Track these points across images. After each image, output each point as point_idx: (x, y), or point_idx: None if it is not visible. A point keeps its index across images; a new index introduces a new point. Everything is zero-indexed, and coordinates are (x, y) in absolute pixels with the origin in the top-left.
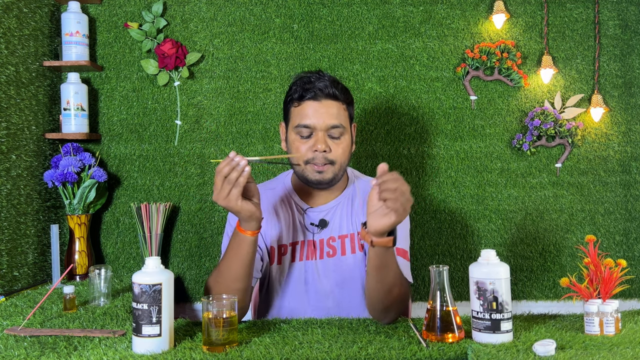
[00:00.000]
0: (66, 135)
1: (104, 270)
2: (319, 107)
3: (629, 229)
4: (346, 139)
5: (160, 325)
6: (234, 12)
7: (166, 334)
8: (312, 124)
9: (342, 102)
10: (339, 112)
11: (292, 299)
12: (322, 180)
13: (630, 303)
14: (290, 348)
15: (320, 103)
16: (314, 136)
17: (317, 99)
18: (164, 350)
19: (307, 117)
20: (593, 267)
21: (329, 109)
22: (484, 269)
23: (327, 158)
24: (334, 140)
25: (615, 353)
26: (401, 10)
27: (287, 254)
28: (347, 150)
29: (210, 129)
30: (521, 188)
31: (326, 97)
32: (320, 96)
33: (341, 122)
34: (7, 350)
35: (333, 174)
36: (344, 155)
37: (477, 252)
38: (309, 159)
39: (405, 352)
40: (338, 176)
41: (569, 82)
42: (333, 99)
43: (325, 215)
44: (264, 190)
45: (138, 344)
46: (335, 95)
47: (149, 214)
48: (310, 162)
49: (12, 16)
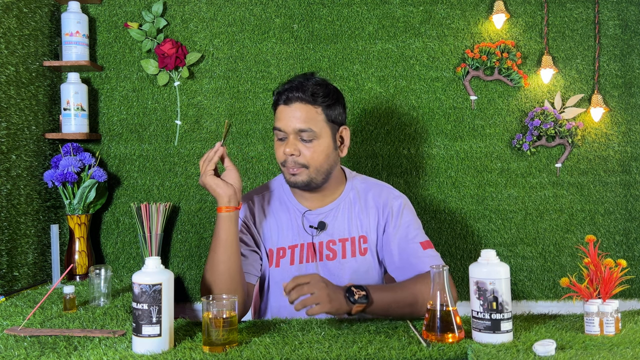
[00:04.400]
0: (66, 135)
1: (104, 270)
2: (289, 111)
3: (629, 229)
4: (320, 142)
5: (160, 325)
6: (234, 12)
7: (166, 334)
8: (282, 127)
9: (316, 105)
10: (309, 116)
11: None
12: (296, 182)
13: (630, 303)
14: (290, 348)
15: (290, 107)
16: (287, 140)
17: (287, 103)
18: (164, 350)
19: (278, 120)
20: (593, 267)
21: (296, 113)
22: (484, 269)
23: (297, 162)
24: (305, 144)
25: (615, 353)
26: (401, 10)
27: (286, 257)
28: (322, 154)
29: (210, 129)
30: (521, 188)
31: (296, 100)
32: (290, 100)
33: (310, 126)
34: (7, 350)
35: (308, 177)
36: (316, 159)
37: (477, 252)
38: (282, 162)
39: (405, 352)
40: (317, 179)
41: (569, 82)
42: (303, 102)
43: (324, 218)
44: (263, 194)
45: (138, 344)
46: (304, 99)
47: (149, 214)
48: (283, 164)
49: (12, 16)
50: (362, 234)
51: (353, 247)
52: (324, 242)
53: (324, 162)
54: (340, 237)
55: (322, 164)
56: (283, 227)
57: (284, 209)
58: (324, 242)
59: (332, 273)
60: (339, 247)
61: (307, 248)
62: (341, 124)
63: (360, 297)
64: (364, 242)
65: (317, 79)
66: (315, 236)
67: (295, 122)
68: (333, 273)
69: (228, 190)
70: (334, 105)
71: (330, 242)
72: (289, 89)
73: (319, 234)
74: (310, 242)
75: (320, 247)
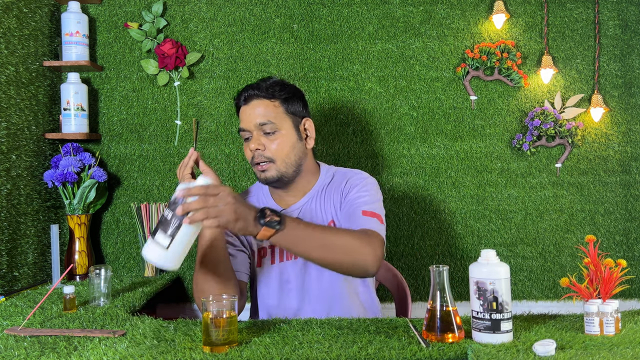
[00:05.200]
0: (66, 135)
1: (104, 270)
2: (247, 109)
3: (629, 229)
4: (283, 134)
5: (172, 240)
6: (234, 12)
7: (174, 252)
8: (245, 126)
9: (273, 99)
10: (267, 110)
11: (278, 298)
12: (266, 178)
13: (630, 303)
14: (290, 348)
15: (249, 105)
16: (251, 137)
17: (246, 102)
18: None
19: (241, 121)
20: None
21: (255, 109)
22: (484, 269)
23: (264, 155)
24: (268, 137)
25: (615, 353)
26: (401, 10)
27: (267, 256)
28: (287, 146)
29: (210, 129)
30: (521, 188)
31: (254, 98)
32: (248, 99)
33: (270, 119)
34: (7, 350)
35: (277, 171)
36: (281, 151)
37: (477, 252)
38: (250, 161)
39: (405, 352)
40: (287, 173)
41: (569, 82)
42: (259, 98)
43: (299, 214)
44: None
45: (147, 247)
46: (261, 95)
47: (149, 214)
48: (253, 163)
49: (12, 16)
50: (331, 219)
51: None
52: None
53: (289, 153)
54: None
55: (288, 155)
56: None
57: None
58: None
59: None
60: None
61: None
62: (303, 117)
63: (272, 222)
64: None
65: (274, 79)
66: None
67: (255, 118)
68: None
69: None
70: (292, 98)
71: None
72: (245, 89)
73: None
74: None
75: None
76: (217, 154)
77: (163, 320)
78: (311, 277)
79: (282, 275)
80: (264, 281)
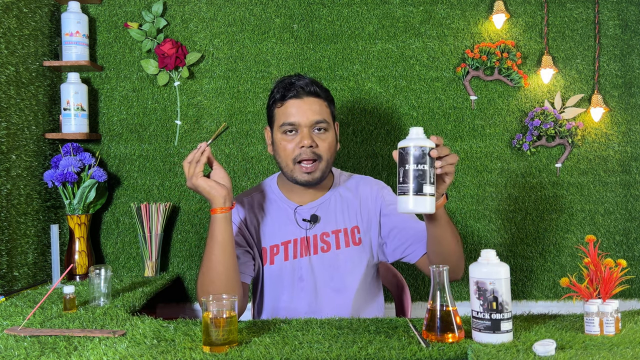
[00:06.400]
0: (66, 135)
1: (104, 270)
2: (302, 104)
3: (629, 229)
4: (331, 135)
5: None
6: (234, 12)
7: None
8: (297, 121)
9: (324, 100)
10: (322, 109)
11: (289, 297)
12: (310, 180)
13: (630, 303)
14: (290, 348)
15: (303, 100)
16: (300, 133)
17: (299, 96)
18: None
19: (291, 115)
20: (593, 267)
21: (311, 106)
22: (484, 269)
23: (315, 153)
24: (320, 136)
25: (615, 353)
26: (401, 10)
27: (279, 254)
28: (333, 147)
29: (210, 129)
30: (521, 188)
31: (308, 94)
32: (302, 94)
33: (324, 118)
34: (7, 350)
35: (321, 172)
36: (329, 150)
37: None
38: (296, 156)
39: (405, 352)
40: (325, 173)
41: (569, 82)
42: (315, 96)
43: (316, 212)
44: (252, 195)
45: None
46: (316, 93)
47: (149, 214)
48: (297, 159)
49: (12, 16)
50: (355, 225)
51: (347, 237)
52: (318, 235)
53: (333, 154)
54: (333, 229)
55: (331, 157)
56: (275, 225)
57: (274, 207)
58: (318, 234)
59: (328, 264)
60: (333, 238)
61: (300, 242)
62: (335, 119)
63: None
64: (357, 232)
65: (309, 78)
66: (309, 230)
67: (311, 115)
68: (329, 264)
69: (222, 191)
70: (333, 102)
71: (323, 234)
72: (296, 85)
73: (312, 227)
74: (304, 237)
75: (315, 240)
76: (217, 154)
77: (163, 320)
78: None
79: (300, 270)
80: (274, 279)
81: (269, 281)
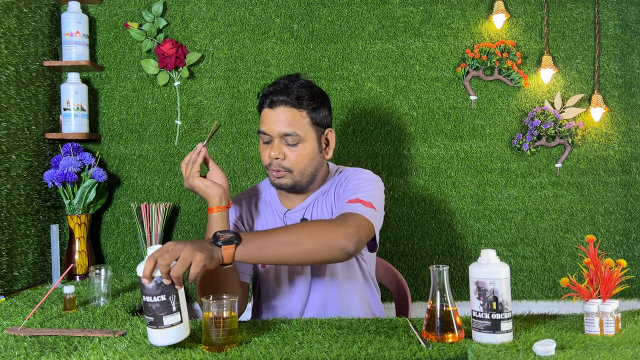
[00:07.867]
0: (66, 135)
1: (104, 270)
2: (273, 114)
3: (629, 229)
4: (305, 146)
5: (180, 311)
6: (234, 12)
7: (185, 318)
8: (267, 131)
9: (301, 109)
10: (294, 120)
11: (283, 298)
12: (280, 184)
13: (630, 303)
14: (290, 348)
15: (274, 111)
16: (272, 143)
17: (272, 106)
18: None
19: (263, 124)
20: (593, 267)
21: (280, 117)
22: (484, 269)
23: (282, 165)
24: (290, 148)
25: (615, 353)
26: (401, 10)
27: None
28: (307, 158)
29: (210, 129)
30: (521, 188)
31: (280, 104)
32: (275, 103)
33: (295, 130)
34: (7, 350)
35: (292, 181)
36: (301, 163)
37: (477, 252)
38: (267, 165)
39: (405, 352)
40: (301, 182)
41: (569, 82)
42: (288, 105)
43: (305, 214)
44: (250, 196)
45: (160, 336)
46: (289, 103)
47: (149, 214)
48: (268, 167)
49: (12, 16)
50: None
51: None
52: None
53: (308, 166)
54: None
55: (306, 167)
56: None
57: (268, 210)
58: None
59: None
60: None
61: None
62: (326, 127)
63: (227, 239)
64: None
65: (302, 82)
66: None
67: (279, 126)
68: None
69: (218, 190)
70: (319, 108)
71: None
72: (273, 92)
73: None
74: None
75: None
76: (217, 154)
77: None
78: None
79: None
80: (267, 280)
81: (263, 282)
